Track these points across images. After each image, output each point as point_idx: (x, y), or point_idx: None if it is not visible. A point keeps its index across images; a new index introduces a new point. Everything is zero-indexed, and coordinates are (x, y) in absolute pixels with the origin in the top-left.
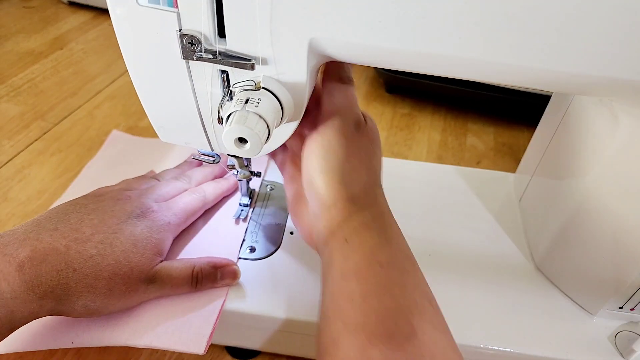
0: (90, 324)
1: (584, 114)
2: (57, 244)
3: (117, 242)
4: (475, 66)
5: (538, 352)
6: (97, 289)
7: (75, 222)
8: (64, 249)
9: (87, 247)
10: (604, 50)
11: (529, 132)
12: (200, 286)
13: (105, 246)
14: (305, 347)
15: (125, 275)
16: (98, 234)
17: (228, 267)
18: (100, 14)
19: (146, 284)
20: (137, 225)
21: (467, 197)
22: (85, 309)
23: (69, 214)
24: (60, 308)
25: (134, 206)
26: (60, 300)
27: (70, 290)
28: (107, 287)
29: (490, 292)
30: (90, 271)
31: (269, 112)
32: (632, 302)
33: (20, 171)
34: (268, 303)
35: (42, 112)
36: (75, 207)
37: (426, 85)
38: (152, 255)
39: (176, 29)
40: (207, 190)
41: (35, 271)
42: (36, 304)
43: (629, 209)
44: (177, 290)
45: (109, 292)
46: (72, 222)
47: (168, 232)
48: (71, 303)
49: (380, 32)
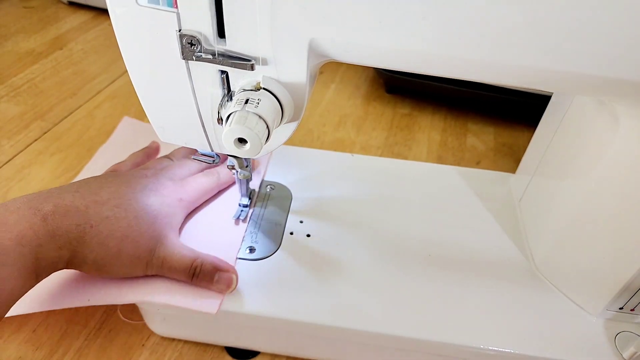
0: (107, 283)
1: (584, 114)
2: (77, 203)
3: (130, 208)
4: (476, 66)
5: (538, 353)
6: (109, 247)
7: (94, 188)
8: (83, 208)
9: (103, 209)
10: (604, 50)
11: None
12: (196, 280)
13: (120, 210)
14: (306, 347)
15: (135, 240)
16: (114, 199)
17: (226, 274)
18: (100, 14)
19: (150, 254)
20: (150, 197)
21: (467, 197)
22: (95, 264)
23: (89, 182)
24: (74, 260)
25: (149, 181)
26: (75, 253)
27: (85, 243)
28: (117, 247)
29: (490, 293)
30: (105, 229)
31: (269, 112)
32: (632, 302)
33: (20, 171)
34: (268, 303)
35: (42, 112)
36: (95, 178)
37: (426, 85)
38: (161, 225)
39: (176, 29)
40: (221, 172)
41: (58, 223)
42: (56, 253)
43: (628, 210)
44: (174, 274)
45: (118, 253)
46: (92, 187)
47: (179, 208)
48: (84, 257)
49: (380, 32)
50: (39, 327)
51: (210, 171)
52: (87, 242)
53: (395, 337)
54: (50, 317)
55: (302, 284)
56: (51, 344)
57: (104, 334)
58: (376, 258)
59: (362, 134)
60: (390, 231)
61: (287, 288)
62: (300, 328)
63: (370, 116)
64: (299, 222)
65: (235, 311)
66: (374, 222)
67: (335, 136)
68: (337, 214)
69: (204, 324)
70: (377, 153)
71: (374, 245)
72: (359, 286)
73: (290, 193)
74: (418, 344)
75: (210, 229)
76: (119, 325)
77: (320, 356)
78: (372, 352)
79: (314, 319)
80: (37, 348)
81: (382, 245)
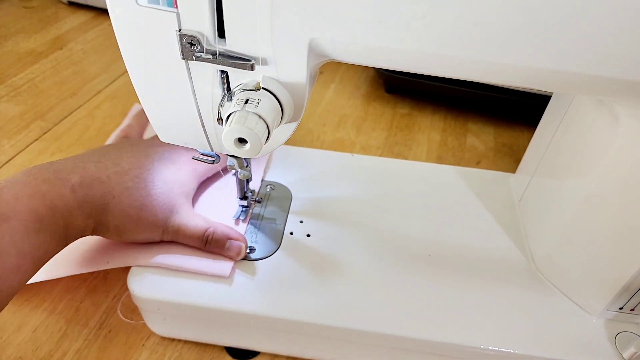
0: (125, 249)
1: (584, 114)
2: (100, 174)
3: (149, 179)
4: (475, 66)
5: (538, 353)
6: (129, 215)
7: (115, 158)
8: (106, 179)
9: (125, 179)
10: (604, 50)
11: (529, 132)
12: (209, 247)
13: (139, 180)
14: (306, 347)
15: (153, 208)
16: (134, 169)
17: (236, 242)
18: (100, 14)
19: (167, 221)
20: (167, 166)
21: (467, 197)
22: (116, 230)
23: (110, 151)
24: (98, 227)
25: (165, 151)
26: (100, 221)
27: (109, 212)
28: (137, 215)
29: (489, 293)
30: (126, 199)
31: (269, 112)
32: (632, 302)
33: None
34: (268, 303)
35: (42, 112)
36: (115, 147)
37: (426, 85)
38: (177, 194)
39: (176, 29)
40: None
41: (85, 193)
42: (84, 222)
43: (629, 210)
44: (189, 241)
45: (138, 220)
46: (113, 157)
47: (193, 177)
48: (107, 224)
49: (380, 32)
50: (39, 327)
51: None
52: (110, 211)
53: (395, 337)
54: (50, 317)
55: (302, 284)
56: (51, 344)
57: (104, 334)
58: (376, 258)
59: (362, 134)
60: (390, 231)
61: (287, 288)
62: (300, 328)
63: (370, 116)
64: (299, 222)
65: (235, 311)
66: (374, 222)
67: (335, 136)
68: (337, 214)
69: (204, 324)
70: (377, 153)
71: (374, 245)
72: (359, 286)
73: (290, 193)
74: (418, 344)
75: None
76: (119, 325)
77: (320, 356)
78: (372, 352)
79: (314, 319)
80: (37, 348)
81: (382, 245)
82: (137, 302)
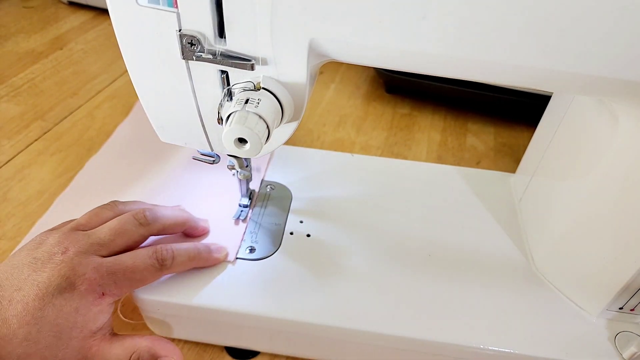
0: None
1: (584, 114)
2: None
3: (40, 338)
4: (475, 66)
5: (538, 353)
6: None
7: (5, 307)
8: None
9: (14, 345)
10: (604, 50)
11: (529, 132)
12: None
13: (29, 343)
14: (306, 347)
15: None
16: (22, 327)
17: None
18: (100, 14)
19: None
20: (62, 306)
21: (467, 197)
22: None
23: (3, 287)
24: None
25: (63, 274)
26: None
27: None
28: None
29: (489, 293)
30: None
31: (269, 112)
32: (632, 302)
33: (20, 171)
34: (268, 303)
35: (42, 112)
36: (12, 274)
37: (426, 85)
38: (79, 342)
39: (176, 29)
40: (176, 259)
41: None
42: None
43: (628, 210)
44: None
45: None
46: (4, 306)
47: (101, 306)
48: None
49: (380, 32)
50: None
51: (159, 251)
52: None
53: (395, 337)
54: None
55: (302, 284)
56: None
57: None
58: (376, 258)
59: (362, 134)
60: (390, 231)
61: (287, 288)
62: (300, 328)
63: (370, 116)
64: (299, 222)
65: (235, 311)
66: (374, 222)
67: (335, 136)
68: (337, 214)
69: (204, 324)
70: (377, 153)
71: (374, 245)
72: (359, 286)
73: (290, 193)
74: (418, 344)
75: (210, 229)
76: (119, 325)
77: (320, 356)
78: (372, 352)
79: (314, 319)
80: None
81: (382, 245)
82: (137, 302)
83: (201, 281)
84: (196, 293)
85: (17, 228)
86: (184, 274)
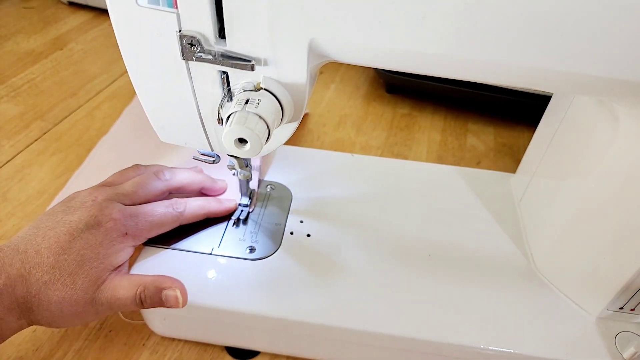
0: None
1: (584, 114)
2: (23, 270)
3: (65, 265)
4: (475, 66)
5: (538, 353)
6: (51, 311)
7: (39, 242)
8: (27, 275)
9: (43, 273)
10: (604, 50)
11: (529, 132)
12: (147, 305)
13: (55, 271)
14: (306, 347)
15: (72, 299)
16: (51, 256)
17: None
18: (100, 14)
19: (94, 304)
20: (88, 239)
21: (467, 197)
22: (49, 324)
23: (38, 231)
24: (33, 323)
25: (92, 214)
26: (30, 320)
27: (33, 311)
28: (59, 309)
29: (489, 293)
30: (44, 296)
31: (269, 112)
32: (632, 302)
33: (20, 171)
34: (268, 303)
35: (42, 112)
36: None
37: (426, 85)
38: (98, 272)
39: (176, 29)
40: (188, 206)
41: (10, 297)
42: (16, 322)
43: (628, 210)
44: (126, 308)
45: (61, 314)
46: (37, 241)
47: (123, 244)
48: (37, 320)
49: (380, 32)
50: (38, 327)
51: (174, 202)
52: (34, 310)
53: (395, 337)
54: None
55: (302, 284)
56: (51, 344)
57: (104, 334)
58: (376, 258)
59: (362, 134)
60: (390, 231)
61: (287, 288)
62: (300, 328)
63: (370, 116)
64: (299, 222)
65: (235, 311)
66: (374, 222)
67: (335, 136)
68: (337, 214)
69: (204, 324)
70: (377, 153)
71: (374, 245)
72: (359, 286)
73: (290, 193)
74: (418, 344)
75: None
76: (119, 325)
77: (320, 356)
78: (372, 352)
79: (314, 319)
80: (37, 348)
81: (382, 245)
82: None
83: (201, 281)
84: (196, 293)
85: (17, 228)
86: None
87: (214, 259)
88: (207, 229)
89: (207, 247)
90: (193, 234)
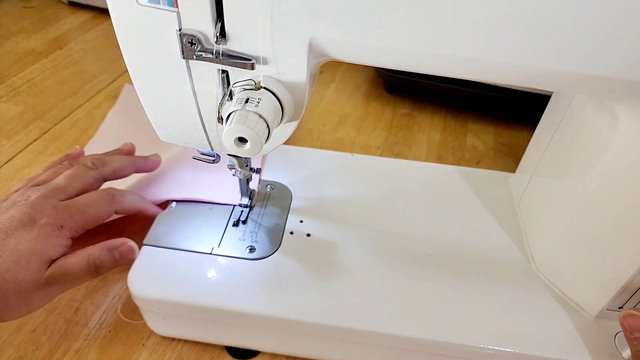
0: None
1: (584, 114)
2: None
3: (1, 262)
4: (476, 66)
5: (538, 352)
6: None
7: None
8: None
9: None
10: (605, 50)
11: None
12: (101, 271)
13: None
14: (306, 347)
15: (15, 290)
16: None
17: (123, 246)
18: (100, 14)
19: (43, 289)
20: (23, 236)
21: (467, 197)
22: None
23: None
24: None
25: (25, 212)
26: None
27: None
28: (3, 302)
29: (489, 293)
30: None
31: (269, 111)
32: (632, 302)
33: (20, 171)
34: (268, 303)
35: (41, 112)
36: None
37: (426, 85)
38: (37, 266)
39: (176, 28)
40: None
41: None
42: None
43: (628, 209)
44: (79, 282)
45: (6, 307)
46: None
47: (60, 238)
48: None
49: (380, 32)
50: (38, 327)
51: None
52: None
53: (395, 337)
54: (50, 317)
55: (302, 284)
56: (51, 344)
57: (103, 334)
58: (376, 258)
59: (362, 134)
60: (390, 231)
61: (287, 288)
62: (300, 328)
63: (370, 116)
64: (299, 222)
65: (235, 311)
66: (374, 222)
67: (335, 136)
68: (337, 214)
69: (204, 324)
70: (377, 153)
71: (374, 245)
72: (359, 286)
73: (290, 193)
74: (418, 344)
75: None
76: (119, 325)
77: (320, 356)
78: (372, 351)
79: (314, 319)
80: (37, 348)
81: (382, 245)
82: (137, 302)
83: (201, 280)
84: (196, 292)
85: None
86: (183, 274)
87: (214, 259)
88: (207, 229)
89: (207, 247)
90: (193, 234)
